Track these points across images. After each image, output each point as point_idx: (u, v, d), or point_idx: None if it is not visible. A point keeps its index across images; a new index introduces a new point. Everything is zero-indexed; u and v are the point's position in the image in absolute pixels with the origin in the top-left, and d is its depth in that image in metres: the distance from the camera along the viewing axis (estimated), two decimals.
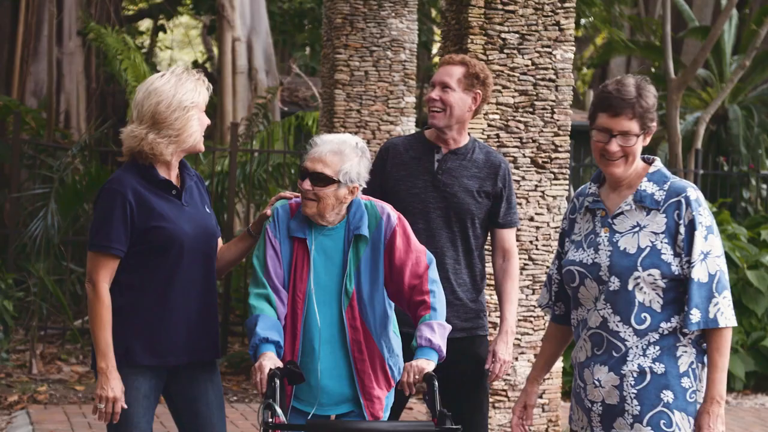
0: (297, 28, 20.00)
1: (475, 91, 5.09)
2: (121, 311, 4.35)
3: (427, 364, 4.18)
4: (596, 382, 3.98)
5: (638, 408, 3.91)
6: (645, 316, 3.92)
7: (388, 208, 4.47)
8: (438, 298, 4.36)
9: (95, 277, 4.33)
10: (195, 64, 23.66)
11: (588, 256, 4.00)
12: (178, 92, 4.37)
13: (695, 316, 3.88)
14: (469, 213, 5.10)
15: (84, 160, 11.77)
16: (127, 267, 4.37)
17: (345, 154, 4.33)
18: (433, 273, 4.42)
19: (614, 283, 3.93)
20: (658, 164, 4.04)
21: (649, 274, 3.90)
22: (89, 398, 8.92)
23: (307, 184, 4.32)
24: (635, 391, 3.92)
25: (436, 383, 4.09)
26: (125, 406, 4.33)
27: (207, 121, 4.50)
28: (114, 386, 4.30)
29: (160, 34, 22.99)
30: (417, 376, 4.14)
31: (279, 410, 3.96)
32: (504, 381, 6.56)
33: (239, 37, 16.06)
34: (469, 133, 5.22)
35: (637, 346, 3.92)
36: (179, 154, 4.46)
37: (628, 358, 3.93)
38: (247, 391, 9.64)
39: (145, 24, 25.20)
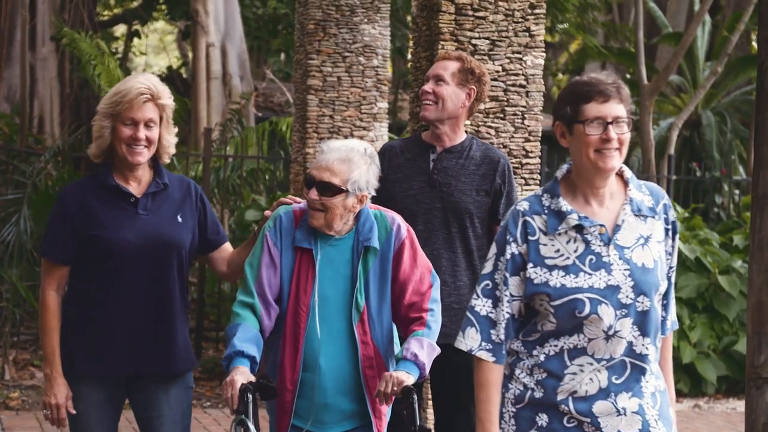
0: (271, 34, 19.97)
1: (470, 87, 5.01)
2: (69, 319, 4.34)
3: (407, 377, 3.98)
4: (621, 411, 3.54)
5: (664, 430, 3.60)
6: (660, 334, 3.65)
7: (399, 218, 4.28)
8: (435, 318, 4.18)
9: (42, 283, 4.36)
10: (170, 70, 23.60)
11: (599, 279, 3.50)
12: (107, 97, 4.30)
13: (669, 320, 3.71)
14: (468, 212, 4.98)
15: (57, 165, 11.72)
16: (78, 275, 4.35)
17: (353, 162, 4.12)
18: (436, 293, 4.24)
19: (642, 304, 3.52)
20: (626, 168, 3.70)
21: (663, 287, 3.61)
22: None
23: (314, 194, 4.11)
24: (657, 413, 3.60)
25: (415, 397, 3.93)
26: (73, 412, 4.30)
27: (128, 134, 4.24)
28: (57, 392, 4.27)
29: (135, 40, 22.96)
30: (395, 388, 3.96)
31: (252, 426, 3.82)
32: None
33: (213, 43, 16.02)
34: (466, 131, 5.14)
35: (651, 367, 3.61)
36: (125, 163, 4.31)
37: (644, 380, 3.58)
38: (220, 396, 9.62)
39: (120, 29, 25.14)
